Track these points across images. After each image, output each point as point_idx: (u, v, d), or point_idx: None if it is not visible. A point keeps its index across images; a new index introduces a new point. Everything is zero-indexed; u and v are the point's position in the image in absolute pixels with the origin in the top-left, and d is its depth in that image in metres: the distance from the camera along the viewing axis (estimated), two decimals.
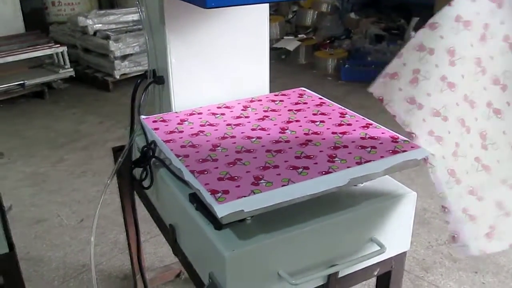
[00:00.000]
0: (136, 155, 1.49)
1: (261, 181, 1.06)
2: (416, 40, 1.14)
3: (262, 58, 1.60)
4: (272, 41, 5.86)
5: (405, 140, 1.23)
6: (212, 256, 1.08)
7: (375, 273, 1.28)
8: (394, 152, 1.19)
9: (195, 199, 1.11)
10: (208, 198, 1.01)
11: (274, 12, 6.33)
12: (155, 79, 1.53)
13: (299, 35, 5.94)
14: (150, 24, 1.52)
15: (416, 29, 4.87)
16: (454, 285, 2.26)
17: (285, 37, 5.89)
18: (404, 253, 1.31)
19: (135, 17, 4.96)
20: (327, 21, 5.91)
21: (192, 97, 1.51)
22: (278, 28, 5.95)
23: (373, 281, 1.67)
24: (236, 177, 1.08)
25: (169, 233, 1.33)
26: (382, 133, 1.29)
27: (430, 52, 1.13)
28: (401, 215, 1.23)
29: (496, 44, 1.18)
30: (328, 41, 5.68)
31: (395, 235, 1.24)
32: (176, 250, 1.33)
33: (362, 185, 1.23)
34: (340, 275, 1.19)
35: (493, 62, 1.18)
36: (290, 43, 5.67)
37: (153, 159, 1.32)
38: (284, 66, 5.43)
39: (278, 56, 5.67)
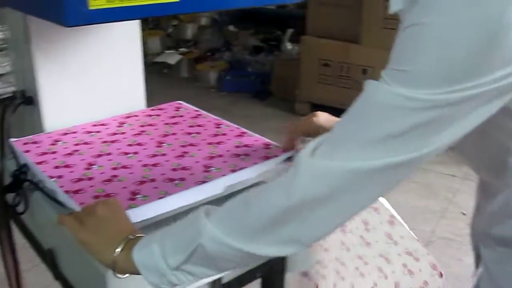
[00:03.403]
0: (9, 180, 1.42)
1: (138, 196, 1.07)
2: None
3: (137, 73, 1.60)
4: (153, 55, 5.82)
5: (276, 146, 1.30)
6: (93, 277, 1.06)
7: None
8: (266, 157, 1.25)
9: None
10: None
11: (154, 27, 6.30)
12: (24, 100, 1.47)
13: (180, 49, 5.96)
14: (16, 43, 1.46)
15: (291, 40, 5.12)
16: None
17: (166, 51, 5.88)
18: None
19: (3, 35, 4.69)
20: (207, 34, 6.00)
21: (65, 116, 1.47)
22: (159, 43, 5.93)
23: None
24: (112, 194, 1.08)
25: (49, 258, 1.29)
26: (256, 140, 1.35)
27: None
28: None
29: None
30: (209, 54, 5.75)
31: None
32: (57, 275, 1.29)
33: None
34: None
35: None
36: (171, 57, 5.67)
37: (26, 182, 1.27)
38: (167, 80, 5.41)
39: (160, 70, 5.64)
